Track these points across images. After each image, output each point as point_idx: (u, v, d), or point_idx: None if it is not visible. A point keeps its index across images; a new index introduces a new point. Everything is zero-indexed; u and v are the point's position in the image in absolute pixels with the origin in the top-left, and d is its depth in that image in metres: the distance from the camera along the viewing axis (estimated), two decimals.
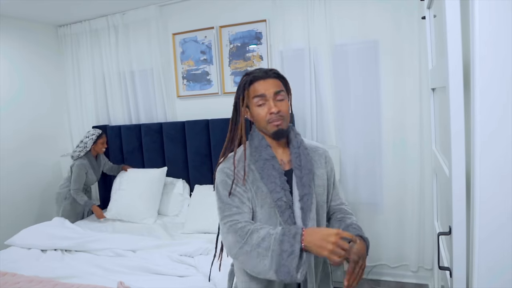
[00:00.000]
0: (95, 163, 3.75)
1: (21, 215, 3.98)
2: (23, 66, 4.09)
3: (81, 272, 2.46)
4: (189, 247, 2.63)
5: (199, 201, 3.34)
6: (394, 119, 3.18)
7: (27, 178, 4.04)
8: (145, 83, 4.09)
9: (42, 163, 4.13)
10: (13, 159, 3.94)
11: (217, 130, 3.57)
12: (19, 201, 3.99)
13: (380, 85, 3.20)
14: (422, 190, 3.10)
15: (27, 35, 4.11)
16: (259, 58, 3.54)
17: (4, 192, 3.85)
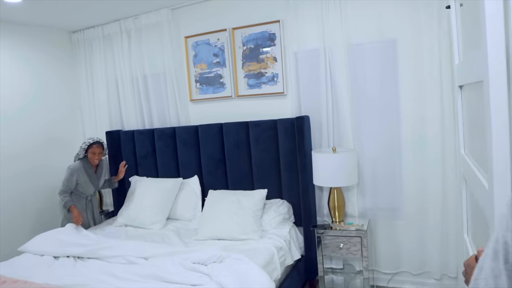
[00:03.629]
0: (92, 172, 3.64)
1: (34, 219, 3.98)
2: (38, 71, 4.10)
3: (92, 280, 2.41)
4: (202, 255, 2.55)
5: (212, 206, 3.26)
6: (414, 120, 3.05)
7: (40, 181, 4.04)
8: (158, 87, 4.05)
9: (56, 166, 4.10)
10: (27, 161, 3.94)
11: (231, 134, 3.50)
12: (32, 205, 3.99)
13: (398, 85, 3.08)
14: (445, 193, 2.96)
15: (41, 41, 4.13)
16: (273, 59, 3.46)
17: (17, 195, 3.85)
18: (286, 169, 3.34)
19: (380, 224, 3.24)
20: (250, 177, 3.50)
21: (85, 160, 3.60)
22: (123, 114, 4.25)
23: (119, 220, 3.64)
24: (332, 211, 3.15)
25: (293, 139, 3.25)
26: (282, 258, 2.87)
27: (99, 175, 3.72)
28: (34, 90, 4.06)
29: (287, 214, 3.29)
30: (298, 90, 3.39)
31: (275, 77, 3.47)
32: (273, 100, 3.53)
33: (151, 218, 3.49)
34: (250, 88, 3.59)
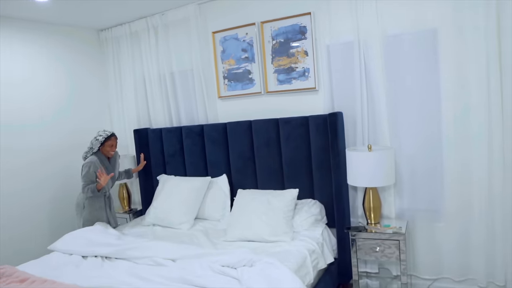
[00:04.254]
0: (108, 164, 3.55)
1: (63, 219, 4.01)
2: (69, 71, 4.14)
3: (119, 282, 2.35)
4: (232, 258, 2.44)
5: (242, 206, 3.16)
6: (457, 115, 2.82)
7: (72, 180, 4.05)
8: (186, 84, 3.97)
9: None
10: (56, 161, 3.98)
11: (261, 132, 3.38)
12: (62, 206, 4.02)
13: (439, 77, 2.87)
14: (491, 194, 2.74)
15: (70, 40, 4.15)
16: (304, 53, 3.31)
17: (48, 196, 3.90)
18: (318, 168, 3.19)
19: (419, 226, 3.05)
20: (280, 176, 3.37)
21: (99, 153, 3.48)
22: (151, 112, 4.21)
23: (147, 220, 3.59)
24: (367, 212, 2.98)
25: (326, 136, 3.10)
26: (315, 261, 2.73)
27: (113, 166, 3.65)
28: (66, 90, 4.10)
29: (319, 215, 3.15)
30: (331, 85, 3.23)
31: (306, 72, 3.33)
32: (304, 96, 3.38)
33: (179, 217, 3.42)
34: (280, 83, 3.46)
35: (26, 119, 3.74)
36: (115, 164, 3.67)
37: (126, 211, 4.23)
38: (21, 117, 3.70)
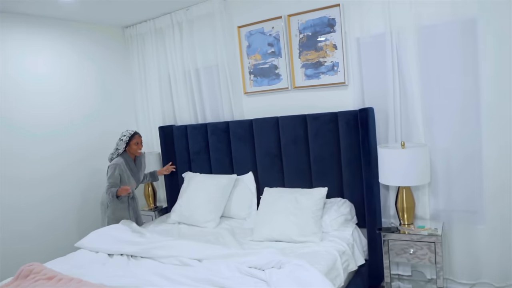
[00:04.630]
0: (133, 165, 3.54)
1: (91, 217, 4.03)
2: (93, 68, 4.14)
3: (144, 282, 2.30)
4: (260, 259, 2.36)
5: (269, 205, 3.07)
6: (498, 109, 2.63)
7: (96, 179, 4.07)
8: (211, 80, 3.91)
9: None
10: (84, 161, 4.00)
11: (288, 128, 3.28)
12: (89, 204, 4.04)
13: (478, 70, 2.69)
14: None
15: (95, 38, 4.16)
16: (333, 47, 3.19)
17: (77, 193, 3.92)
18: (348, 166, 3.08)
19: (455, 228, 2.89)
20: (308, 174, 3.27)
21: (125, 154, 3.49)
22: (176, 109, 4.18)
23: (172, 217, 3.56)
24: (400, 212, 2.85)
25: (356, 133, 2.98)
26: (345, 263, 2.62)
27: (139, 168, 3.64)
28: (92, 89, 4.12)
29: (349, 214, 3.03)
30: (361, 79, 3.10)
31: (335, 66, 3.20)
32: (333, 91, 3.26)
33: (205, 216, 3.36)
34: (308, 78, 3.35)
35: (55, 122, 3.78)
36: (140, 166, 3.65)
37: (152, 208, 4.21)
38: (50, 119, 3.73)
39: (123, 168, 3.41)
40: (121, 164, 3.40)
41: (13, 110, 3.45)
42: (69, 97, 3.89)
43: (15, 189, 3.45)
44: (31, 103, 3.59)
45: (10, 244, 3.39)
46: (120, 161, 3.41)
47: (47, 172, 3.69)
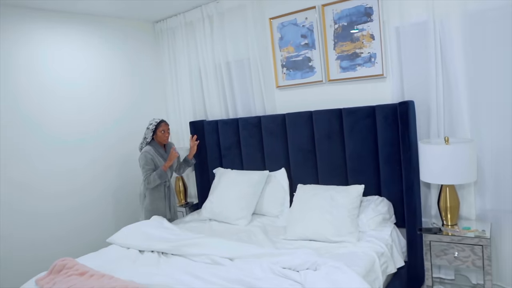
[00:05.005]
0: (163, 152, 3.51)
1: (122, 210, 4.06)
2: (124, 64, 4.13)
3: (175, 281, 2.24)
4: (294, 259, 2.26)
5: (302, 203, 2.96)
6: None
7: (124, 175, 4.09)
8: (242, 74, 3.83)
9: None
10: (113, 155, 4.00)
11: (322, 123, 3.16)
12: (121, 197, 4.06)
13: None
14: None
15: (126, 33, 4.15)
16: (370, 37, 3.03)
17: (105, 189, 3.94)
18: (386, 162, 2.92)
19: (505, 229, 2.69)
20: (343, 170, 3.13)
21: (153, 142, 3.46)
22: (207, 104, 4.12)
23: (203, 214, 3.51)
24: (443, 212, 2.67)
25: (395, 128, 2.82)
26: (384, 265, 2.48)
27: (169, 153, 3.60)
28: (123, 84, 4.11)
29: (388, 213, 2.88)
30: (401, 71, 2.93)
31: (373, 58, 3.05)
32: (370, 83, 3.11)
33: (236, 213, 3.29)
34: (343, 71, 3.20)
35: (86, 127, 3.80)
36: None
37: (182, 204, 4.18)
38: (81, 124, 3.76)
39: (153, 154, 3.39)
40: (150, 151, 3.39)
41: (46, 116, 3.49)
42: (100, 99, 3.90)
43: (51, 191, 3.52)
44: (63, 109, 3.62)
45: (45, 239, 3.43)
46: (149, 149, 3.40)
47: (77, 162, 3.72)
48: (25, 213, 3.31)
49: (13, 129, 3.25)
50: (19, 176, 3.28)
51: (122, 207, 4.06)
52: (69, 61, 3.66)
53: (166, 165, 3.36)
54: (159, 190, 3.47)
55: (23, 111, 3.32)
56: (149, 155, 3.36)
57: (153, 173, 3.34)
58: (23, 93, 3.32)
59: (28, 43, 3.35)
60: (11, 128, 3.24)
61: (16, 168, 3.26)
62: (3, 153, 3.18)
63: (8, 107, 3.22)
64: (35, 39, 3.40)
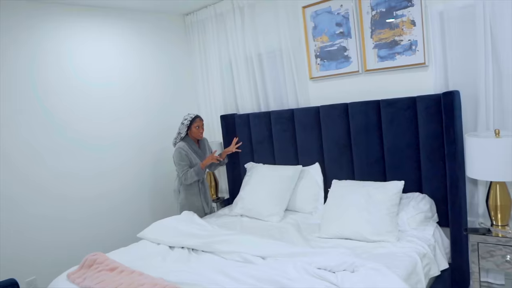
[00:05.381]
0: (197, 148, 3.48)
1: (158, 206, 4.05)
2: (156, 59, 4.11)
3: (205, 279, 2.17)
4: (330, 260, 2.13)
5: (338, 199, 2.82)
6: None
7: (158, 171, 4.07)
8: (274, 66, 3.71)
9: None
10: (146, 151, 3.99)
11: (358, 116, 3.00)
12: (153, 193, 4.05)
13: None
14: None
15: (156, 27, 4.12)
16: (410, 24, 2.84)
17: (138, 184, 3.93)
18: (428, 157, 2.74)
19: None
20: (381, 165, 2.96)
21: (187, 138, 3.44)
22: (238, 97, 4.02)
23: (234, 210, 3.42)
24: (492, 211, 2.46)
25: (438, 120, 2.63)
26: (427, 267, 2.32)
27: (204, 150, 3.56)
28: (154, 79, 4.08)
29: (429, 212, 2.70)
30: (445, 59, 2.73)
31: (413, 45, 2.85)
32: (411, 73, 2.92)
33: (269, 209, 3.19)
34: (381, 60, 3.02)
35: (118, 110, 3.78)
36: (205, 149, 3.58)
37: (214, 199, 4.13)
38: (113, 108, 3.75)
39: (187, 150, 3.36)
40: (184, 147, 3.37)
41: (76, 119, 3.50)
42: (134, 97, 3.91)
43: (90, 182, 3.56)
44: (96, 111, 3.63)
45: (79, 231, 3.46)
46: (183, 145, 3.38)
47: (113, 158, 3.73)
48: (58, 218, 3.35)
49: (44, 135, 3.26)
50: (52, 181, 3.32)
51: (158, 204, 4.07)
52: (101, 59, 3.65)
53: (204, 163, 3.33)
54: (193, 185, 3.44)
55: (52, 113, 3.32)
56: (183, 152, 3.33)
57: (190, 170, 3.31)
58: (52, 94, 3.32)
59: (55, 39, 3.34)
60: (42, 133, 3.25)
61: (46, 172, 3.28)
62: (30, 157, 3.19)
63: (37, 110, 3.23)
64: (62, 36, 3.39)
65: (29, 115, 3.17)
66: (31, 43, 3.18)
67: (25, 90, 3.15)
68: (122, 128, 3.81)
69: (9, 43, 3.06)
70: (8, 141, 3.05)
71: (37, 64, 3.22)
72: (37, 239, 3.20)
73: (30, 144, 3.17)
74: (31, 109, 3.19)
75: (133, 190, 3.87)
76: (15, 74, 3.10)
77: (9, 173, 3.06)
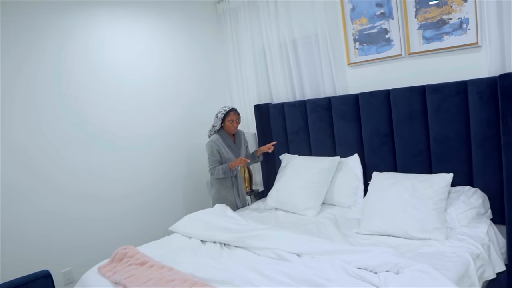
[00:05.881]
0: (231, 142, 3.33)
1: (192, 199, 3.98)
2: (187, 48, 4.00)
3: (237, 277, 2.05)
4: (372, 259, 1.96)
5: (379, 193, 2.62)
6: None
7: (192, 164, 4.00)
8: (309, 52, 3.52)
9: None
10: (180, 148, 3.91)
11: (401, 103, 2.78)
12: (187, 187, 3.98)
13: None
14: None
15: (188, 16, 4.00)
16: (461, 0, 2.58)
17: (171, 179, 3.87)
18: (480, 147, 2.49)
19: None
20: (426, 156, 2.74)
21: (222, 131, 3.31)
22: (272, 86, 3.87)
23: (268, 203, 3.29)
24: None
25: (493, 106, 2.38)
26: (480, 269, 2.09)
27: (238, 145, 3.41)
28: (181, 68, 3.97)
29: (482, 207, 2.46)
30: (501, 38, 2.45)
31: (464, 24, 2.59)
32: (461, 55, 2.66)
33: (305, 202, 3.03)
34: (427, 42, 2.78)
35: (150, 103, 3.71)
36: (240, 143, 3.43)
37: (247, 192, 4.00)
38: (150, 109, 3.69)
39: (219, 144, 3.25)
40: (217, 140, 3.26)
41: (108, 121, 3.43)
42: (167, 92, 3.80)
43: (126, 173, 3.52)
44: (127, 109, 3.55)
45: (113, 228, 3.44)
46: (216, 138, 3.27)
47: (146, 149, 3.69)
48: (93, 219, 3.33)
49: (71, 131, 3.19)
50: (90, 185, 3.30)
51: (192, 197, 3.99)
52: (132, 51, 3.56)
53: (233, 165, 3.18)
54: (226, 179, 3.33)
55: (78, 107, 3.24)
56: (215, 146, 3.22)
57: (218, 167, 3.21)
58: (81, 93, 3.26)
59: (85, 30, 3.26)
60: (69, 129, 3.18)
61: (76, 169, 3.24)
62: (61, 159, 3.15)
63: (64, 101, 3.16)
64: (91, 26, 3.30)
65: (56, 109, 3.12)
66: (61, 32, 3.12)
67: (50, 80, 3.08)
68: (157, 130, 3.74)
69: (39, 32, 3.01)
70: (26, 135, 2.98)
71: (64, 54, 3.14)
72: (72, 235, 3.19)
73: (58, 140, 3.13)
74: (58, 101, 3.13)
75: (166, 186, 3.80)
76: (43, 64, 3.03)
77: (52, 170, 3.07)
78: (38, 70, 3.02)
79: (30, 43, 2.97)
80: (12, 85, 2.89)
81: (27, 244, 2.94)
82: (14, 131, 2.90)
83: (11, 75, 2.88)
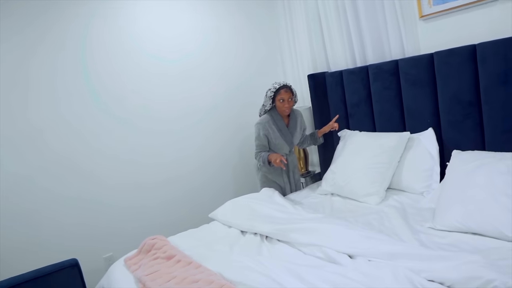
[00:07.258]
0: (282, 125, 2.88)
1: (242, 183, 3.71)
2: (234, 19, 3.63)
3: (272, 282, 1.64)
4: (451, 270, 1.45)
5: (461, 177, 2.06)
6: None
7: (243, 146, 3.69)
8: (371, 8, 2.93)
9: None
10: (229, 128, 3.63)
11: (492, 61, 2.15)
12: (237, 170, 3.71)
13: None
14: None
15: None
16: None
17: (222, 160, 3.60)
18: None
19: None
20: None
21: (273, 111, 2.88)
22: (329, 52, 3.35)
23: (323, 187, 2.84)
24: None
25: None
26: None
27: (292, 129, 2.94)
28: (231, 38, 3.62)
29: None
30: None
31: None
32: None
33: (365, 187, 2.54)
34: None
35: (194, 81, 3.42)
36: (295, 126, 2.96)
37: (303, 174, 3.57)
38: (193, 101, 3.43)
39: (268, 127, 2.84)
40: (266, 123, 2.84)
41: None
42: (213, 67, 3.50)
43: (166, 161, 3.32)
44: (174, 91, 3.32)
45: (159, 214, 3.27)
46: (266, 120, 2.85)
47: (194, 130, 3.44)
48: (135, 207, 3.18)
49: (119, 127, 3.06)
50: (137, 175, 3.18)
51: (242, 180, 3.70)
52: (172, 23, 3.27)
53: (271, 158, 2.74)
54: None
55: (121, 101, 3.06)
56: (262, 130, 2.83)
57: (261, 154, 2.83)
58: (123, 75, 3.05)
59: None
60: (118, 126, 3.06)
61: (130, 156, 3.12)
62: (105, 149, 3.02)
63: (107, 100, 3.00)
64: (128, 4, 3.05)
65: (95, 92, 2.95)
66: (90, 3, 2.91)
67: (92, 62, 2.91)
68: (203, 109, 3.48)
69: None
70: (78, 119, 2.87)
71: (91, 27, 2.91)
72: (115, 221, 3.08)
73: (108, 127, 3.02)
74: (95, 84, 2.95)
75: (215, 169, 3.55)
76: (67, 39, 2.83)
77: (95, 159, 2.98)
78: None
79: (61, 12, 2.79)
80: (50, 64, 2.77)
81: (66, 230, 2.88)
82: (69, 114, 2.85)
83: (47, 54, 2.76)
